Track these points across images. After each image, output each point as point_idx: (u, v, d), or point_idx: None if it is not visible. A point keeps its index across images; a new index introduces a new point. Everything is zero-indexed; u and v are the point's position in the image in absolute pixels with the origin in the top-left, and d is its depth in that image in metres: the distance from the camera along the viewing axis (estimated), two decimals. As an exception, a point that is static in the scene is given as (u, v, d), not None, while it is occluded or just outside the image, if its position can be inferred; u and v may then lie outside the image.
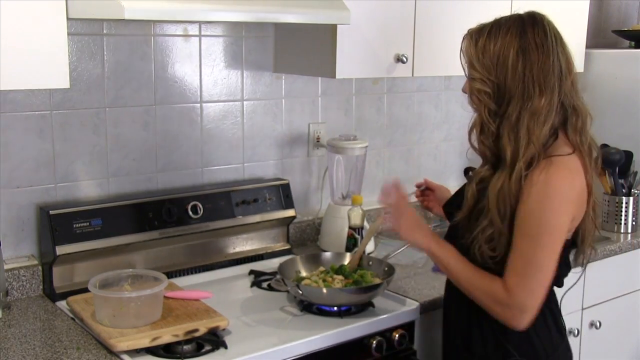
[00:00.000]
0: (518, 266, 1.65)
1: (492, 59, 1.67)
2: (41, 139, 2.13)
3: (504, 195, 1.65)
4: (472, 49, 1.70)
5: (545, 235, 1.63)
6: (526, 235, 1.64)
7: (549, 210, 1.62)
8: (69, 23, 1.78)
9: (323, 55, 2.29)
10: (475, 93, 1.70)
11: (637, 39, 3.32)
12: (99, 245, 2.12)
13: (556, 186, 1.63)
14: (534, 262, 1.63)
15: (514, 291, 1.65)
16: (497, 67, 1.66)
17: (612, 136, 3.04)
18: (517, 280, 1.64)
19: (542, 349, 1.77)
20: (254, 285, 2.26)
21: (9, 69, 1.67)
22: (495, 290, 1.67)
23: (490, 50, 1.67)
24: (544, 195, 1.62)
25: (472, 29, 1.75)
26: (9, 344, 1.80)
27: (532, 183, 1.63)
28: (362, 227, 2.43)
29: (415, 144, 3.08)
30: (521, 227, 1.64)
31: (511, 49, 1.65)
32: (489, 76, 1.67)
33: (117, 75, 2.24)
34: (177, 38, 2.34)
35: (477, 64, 1.69)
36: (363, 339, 2.00)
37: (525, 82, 1.64)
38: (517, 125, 1.65)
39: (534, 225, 1.63)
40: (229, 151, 2.51)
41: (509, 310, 1.67)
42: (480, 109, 1.70)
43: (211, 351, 1.79)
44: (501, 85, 1.67)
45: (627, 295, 2.87)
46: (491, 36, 1.68)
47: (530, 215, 1.63)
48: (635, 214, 2.93)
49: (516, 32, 1.66)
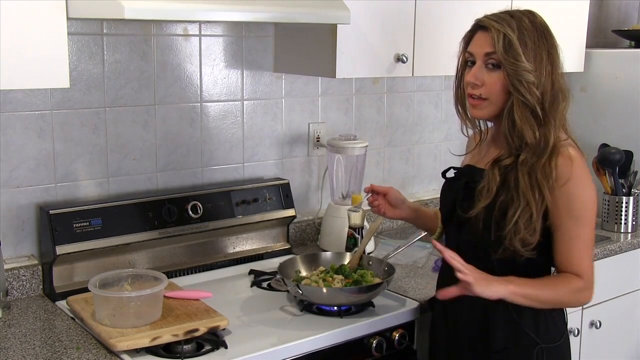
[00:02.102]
0: (577, 249, 1.73)
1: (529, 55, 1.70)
2: (41, 139, 2.13)
3: (539, 180, 1.70)
4: (516, 42, 1.70)
5: (588, 212, 1.73)
6: (574, 217, 1.71)
7: (589, 189, 1.73)
8: (69, 23, 1.78)
9: (323, 55, 2.29)
10: (524, 82, 1.70)
11: (637, 39, 3.31)
12: (98, 245, 2.12)
13: (583, 167, 1.73)
14: (587, 241, 1.75)
15: (587, 274, 1.74)
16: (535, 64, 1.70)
17: (612, 136, 3.05)
18: (582, 262, 1.73)
19: (555, 332, 1.82)
20: (254, 285, 2.27)
21: (9, 68, 1.67)
22: (575, 285, 1.73)
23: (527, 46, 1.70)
24: (581, 176, 1.71)
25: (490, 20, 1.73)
26: (9, 343, 1.80)
27: (565, 166, 1.70)
28: (362, 227, 2.43)
29: (415, 144, 3.08)
30: (567, 211, 1.71)
31: (542, 50, 1.71)
32: (534, 70, 1.70)
33: (117, 75, 2.24)
34: (177, 38, 2.34)
35: (524, 56, 1.70)
36: (363, 338, 2.00)
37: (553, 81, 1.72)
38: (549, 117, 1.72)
39: (579, 206, 1.71)
40: (229, 151, 2.51)
41: (587, 292, 1.75)
42: (528, 96, 1.71)
43: (211, 351, 1.79)
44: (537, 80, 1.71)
45: (627, 295, 2.87)
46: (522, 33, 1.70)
47: (573, 197, 1.70)
48: (635, 214, 2.93)
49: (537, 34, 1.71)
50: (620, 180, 2.91)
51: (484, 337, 1.83)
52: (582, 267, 1.73)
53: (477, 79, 1.75)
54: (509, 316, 1.79)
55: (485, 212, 1.75)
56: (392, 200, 2.08)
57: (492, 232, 1.74)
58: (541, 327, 1.80)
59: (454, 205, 1.87)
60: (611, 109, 3.13)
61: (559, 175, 1.70)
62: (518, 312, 1.78)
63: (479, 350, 1.84)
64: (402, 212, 2.10)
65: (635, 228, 2.94)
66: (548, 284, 1.76)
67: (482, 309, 1.82)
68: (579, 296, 1.76)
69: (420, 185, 3.13)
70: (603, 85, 3.16)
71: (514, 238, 1.70)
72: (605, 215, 2.94)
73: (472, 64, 1.77)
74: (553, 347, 1.81)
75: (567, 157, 1.71)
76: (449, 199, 1.91)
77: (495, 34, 1.70)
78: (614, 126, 3.10)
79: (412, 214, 2.12)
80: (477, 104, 1.77)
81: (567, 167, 1.70)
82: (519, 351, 1.80)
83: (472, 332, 1.85)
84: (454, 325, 1.90)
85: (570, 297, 1.76)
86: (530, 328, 1.79)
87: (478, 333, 1.84)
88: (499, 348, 1.81)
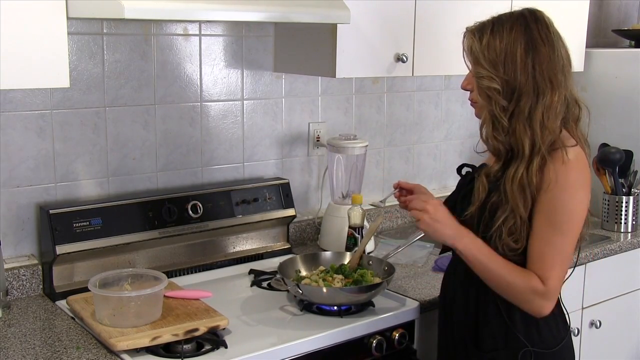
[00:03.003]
0: (546, 255, 1.67)
1: (499, 56, 1.67)
2: (41, 139, 2.13)
3: (524, 186, 1.67)
4: (477, 46, 1.70)
5: (570, 223, 1.68)
6: (552, 224, 1.67)
7: (574, 198, 1.67)
8: (69, 22, 1.78)
9: (323, 54, 2.29)
10: (485, 90, 1.70)
11: (637, 39, 3.31)
12: (99, 245, 2.12)
13: (577, 175, 1.67)
14: (562, 250, 1.68)
15: (551, 284, 1.68)
16: (505, 64, 1.67)
17: (612, 136, 3.04)
18: (547, 270, 1.68)
19: (550, 338, 1.79)
20: (254, 285, 2.27)
21: (9, 68, 1.67)
22: (534, 284, 1.68)
23: (496, 47, 1.68)
24: (566, 184, 1.65)
25: (472, 27, 1.75)
26: (9, 343, 1.80)
27: (555, 172, 1.65)
28: (362, 226, 2.43)
29: (415, 144, 3.08)
30: (546, 216, 1.67)
31: (518, 45, 1.66)
32: (496, 73, 1.68)
33: (117, 75, 2.24)
34: (177, 37, 2.34)
35: (483, 61, 1.69)
36: (363, 338, 2.00)
37: (536, 77, 1.66)
38: (531, 119, 1.67)
39: (559, 213, 1.66)
40: (229, 150, 2.51)
41: (545, 300, 1.70)
42: (491, 106, 1.70)
43: (211, 350, 1.79)
44: (510, 81, 1.67)
45: (627, 294, 2.87)
46: (495, 33, 1.68)
47: (556, 204, 1.66)
48: (635, 214, 2.93)
49: (521, 28, 1.67)
50: (620, 180, 2.91)
51: (475, 337, 1.83)
52: (548, 275, 1.68)
53: (467, 84, 1.78)
54: (499, 318, 1.78)
55: (477, 212, 1.75)
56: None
57: (479, 232, 1.74)
58: (533, 331, 1.78)
59: (455, 203, 1.88)
60: (611, 109, 3.12)
61: (546, 178, 1.66)
62: (509, 314, 1.77)
63: (470, 349, 1.84)
64: None
65: (635, 228, 2.94)
66: (507, 265, 1.70)
67: (474, 309, 1.82)
68: (532, 297, 1.70)
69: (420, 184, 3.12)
70: (603, 85, 3.16)
71: (498, 241, 1.70)
72: (605, 215, 2.94)
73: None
74: (547, 353, 1.78)
75: (559, 161, 1.66)
76: (452, 196, 1.93)
77: (465, 42, 1.73)
78: (614, 126, 3.10)
79: None
80: (473, 107, 1.80)
81: (557, 172, 1.65)
82: (508, 353, 1.78)
83: (464, 330, 1.86)
84: (450, 322, 1.91)
85: (522, 292, 1.70)
86: (520, 331, 1.77)
87: (469, 333, 1.84)
88: (488, 349, 1.80)
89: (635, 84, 3.06)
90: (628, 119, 3.09)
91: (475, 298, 1.82)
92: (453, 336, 1.90)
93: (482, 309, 1.81)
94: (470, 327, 1.84)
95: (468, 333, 1.85)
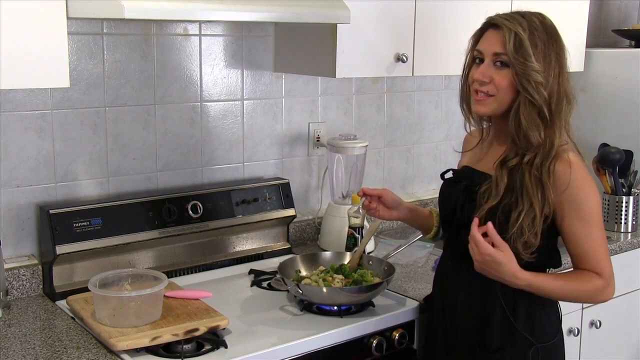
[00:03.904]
0: (593, 248, 1.75)
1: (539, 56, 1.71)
2: (41, 139, 2.13)
3: (540, 178, 1.72)
4: (525, 37, 1.70)
5: (597, 213, 1.76)
6: (584, 219, 1.74)
7: (592, 192, 1.75)
8: (69, 22, 1.78)
9: (323, 54, 2.29)
10: (532, 82, 1.70)
11: (637, 39, 3.31)
12: (99, 245, 2.12)
13: (583, 170, 1.75)
14: (601, 239, 1.77)
15: (604, 271, 1.76)
16: (544, 65, 1.71)
17: (612, 136, 3.05)
18: (600, 261, 1.76)
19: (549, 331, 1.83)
20: (254, 285, 2.27)
21: (9, 68, 1.67)
22: (596, 283, 1.76)
23: (537, 46, 1.71)
24: (580, 181, 1.72)
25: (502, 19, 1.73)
26: (9, 343, 1.80)
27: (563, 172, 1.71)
28: (362, 226, 2.43)
29: (415, 144, 3.08)
30: (575, 215, 1.73)
31: (552, 53, 1.72)
32: (543, 71, 1.71)
33: (117, 75, 2.24)
34: (177, 37, 2.34)
35: (534, 57, 1.70)
36: (363, 338, 2.00)
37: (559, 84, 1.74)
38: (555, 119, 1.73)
39: (585, 209, 1.73)
40: (229, 150, 2.51)
41: (608, 289, 1.78)
42: (536, 96, 1.71)
43: (211, 350, 1.79)
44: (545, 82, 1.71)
45: (627, 295, 2.86)
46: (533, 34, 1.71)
47: (580, 200, 1.72)
48: (635, 214, 2.93)
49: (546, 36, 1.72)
50: (620, 180, 2.91)
51: (481, 337, 1.83)
52: (601, 265, 1.76)
53: (484, 76, 1.75)
54: (504, 317, 1.79)
55: (488, 214, 1.74)
56: (387, 202, 2.08)
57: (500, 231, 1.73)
58: (537, 327, 1.81)
59: (454, 209, 1.87)
60: (611, 109, 3.12)
61: (559, 180, 1.72)
62: (513, 313, 1.79)
63: (476, 350, 1.84)
64: (398, 213, 2.10)
65: (635, 228, 2.94)
66: (567, 282, 1.78)
67: (479, 310, 1.83)
68: (599, 295, 1.79)
69: (420, 185, 3.13)
70: (603, 85, 3.16)
71: (518, 241, 1.71)
72: (606, 215, 2.94)
73: (480, 62, 1.77)
74: (548, 346, 1.82)
75: (566, 162, 1.72)
76: (449, 203, 1.91)
77: (507, 32, 1.71)
78: (614, 126, 3.10)
79: (408, 215, 2.11)
80: (482, 100, 1.77)
81: (567, 172, 1.72)
82: (514, 351, 1.80)
83: (469, 332, 1.86)
84: (452, 325, 1.90)
85: (591, 296, 1.81)
86: (525, 329, 1.79)
87: (475, 333, 1.84)
88: (495, 348, 1.81)
89: (635, 84, 3.06)
90: (628, 119, 3.09)
91: (480, 300, 1.82)
92: (456, 338, 1.89)
93: (487, 310, 1.81)
94: (476, 329, 1.84)
95: (473, 334, 1.84)
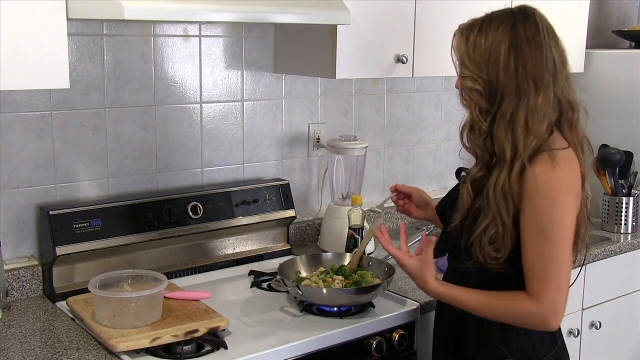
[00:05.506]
0: (538, 267, 1.60)
1: (483, 56, 1.62)
2: (41, 139, 2.13)
3: (505, 193, 1.61)
4: (463, 46, 1.65)
5: (557, 229, 1.59)
6: (539, 233, 1.59)
7: (559, 204, 1.59)
8: (69, 23, 1.78)
9: (323, 55, 2.29)
10: (466, 91, 1.65)
11: (637, 39, 3.31)
12: (98, 246, 2.12)
13: (561, 179, 1.59)
14: (555, 259, 1.59)
15: (541, 296, 1.60)
16: (489, 64, 1.61)
17: (612, 136, 3.04)
18: (541, 283, 1.60)
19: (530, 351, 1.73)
20: (253, 286, 2.26)
21: (9, 69, 1.67)
22: (524, 307, 1.62)
23: (481, 47, 1.62)
24: (550, 190, 1.58)
25: (463, 25, 1.70)
26: (9, 344, 1.80)
27: (535, 178, 1.58)
28: (362, 227, 2.43)
29: (415, 144, 3.08)
30: (532, 225, 1.60)
31: (502, 45, 1.60)
32: (480, 73, 1.62)
33: (117, 76, 2.24)
34: (177, 38, 2.34)
35: (467, 61, 1.64)
36: (363, 339, 2.00)
37: (518, 79, 1.60)
38: (513, 123, 1.60)
39: (545, 221, 1.58)
40: (228, 151, 2.51)
41: (542, 317, 1.62)
42: (471, 107, 1.65)
43: (211, 352, 1.79)
44: (493, 83, 1.62)
45: (627, 295, 2.87)
46: (482, 32, 1.63)
47: (540, 211, 1.58)
48: (635, 214, 2.93)
49: (507, 26, 1.61)
50: (620, 181, 2.91)
51: (458, 342, 1.81)
52: (541, 289, 1.60)
53: (456, 84, 1.75)
54: (480, 326, 1.74)
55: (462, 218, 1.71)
56: (416, 201, 2.09)
57: (463, 240, 1.69)
58: (512, 342, 1.72)
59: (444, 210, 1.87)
60: (611, 110, 3.12)
61: (526, 187, 1.59)
62: (488, 323, 1.72)
63: (450, 356, 1.84)
64: (425, 212, 2.10)
65: (635, 229, 2.93)
66: (486, 299, 1.67)
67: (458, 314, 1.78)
68: (530, 320, 1.64)
69: (420, 185, 3.10)
70: (603, 85, 3.16)
71: (479, 250, 1.64)
72: (605, 215, 2.94)
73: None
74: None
75: (542, 167, 1.59)
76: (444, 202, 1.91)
77: (454, 40, 1.69)
78: (614, 126, 3.10)
79: (435, 215, 2.06)
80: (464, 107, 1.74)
81: (536, 178, 1.58)
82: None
83: (447, 339, 1.85)
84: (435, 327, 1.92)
85: (518, 318, 1.65)
86: (499, 341, 1.73)
87: (452, 341, 1.83)
88: (467, 356, 1.79)
89: (635, 84, 3.06)
90: (628, 119, 3.09)
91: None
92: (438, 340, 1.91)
93: (466, 316, 1.75)
94: (454, 332, 1.82)
95: (453, 339, 1.83)
